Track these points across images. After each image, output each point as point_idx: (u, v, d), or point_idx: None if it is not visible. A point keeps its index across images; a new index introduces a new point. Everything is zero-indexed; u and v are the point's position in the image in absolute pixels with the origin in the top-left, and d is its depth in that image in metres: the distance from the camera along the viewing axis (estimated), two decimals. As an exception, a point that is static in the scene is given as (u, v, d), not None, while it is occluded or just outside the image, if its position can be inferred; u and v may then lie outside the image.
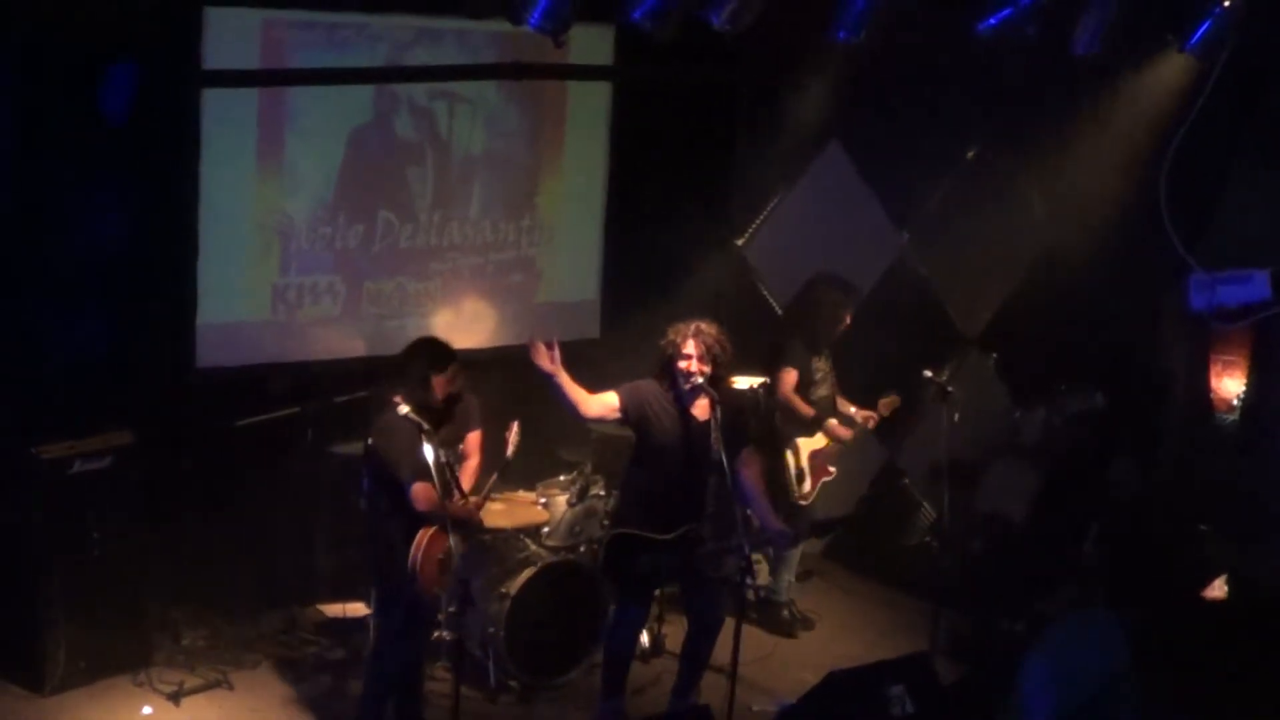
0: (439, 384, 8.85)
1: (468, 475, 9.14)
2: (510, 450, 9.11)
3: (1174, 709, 7.28)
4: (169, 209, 10.04)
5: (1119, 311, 12.39)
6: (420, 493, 8.59)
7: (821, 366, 11.28)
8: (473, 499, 8.97)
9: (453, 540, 8.69)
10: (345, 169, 10.76)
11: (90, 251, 9.79)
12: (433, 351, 8.98)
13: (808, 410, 11.31)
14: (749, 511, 9.25)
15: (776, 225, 12.64)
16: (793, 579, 11.68)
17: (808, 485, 11.27)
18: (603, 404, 9.12)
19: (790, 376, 11.29)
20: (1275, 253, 9.46)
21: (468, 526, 8.99)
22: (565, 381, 9.04)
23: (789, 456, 11.29)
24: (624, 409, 9.10)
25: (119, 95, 9.06)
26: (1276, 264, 8.09)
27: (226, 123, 10.16)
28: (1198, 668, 8.02)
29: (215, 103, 10.06)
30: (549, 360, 9.01)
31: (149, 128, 9.65)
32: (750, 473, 9.32)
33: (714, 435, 8.89)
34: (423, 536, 8.67)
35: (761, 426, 10.95)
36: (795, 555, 11.63)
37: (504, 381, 9.96)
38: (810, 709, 8.72)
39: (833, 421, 11.38)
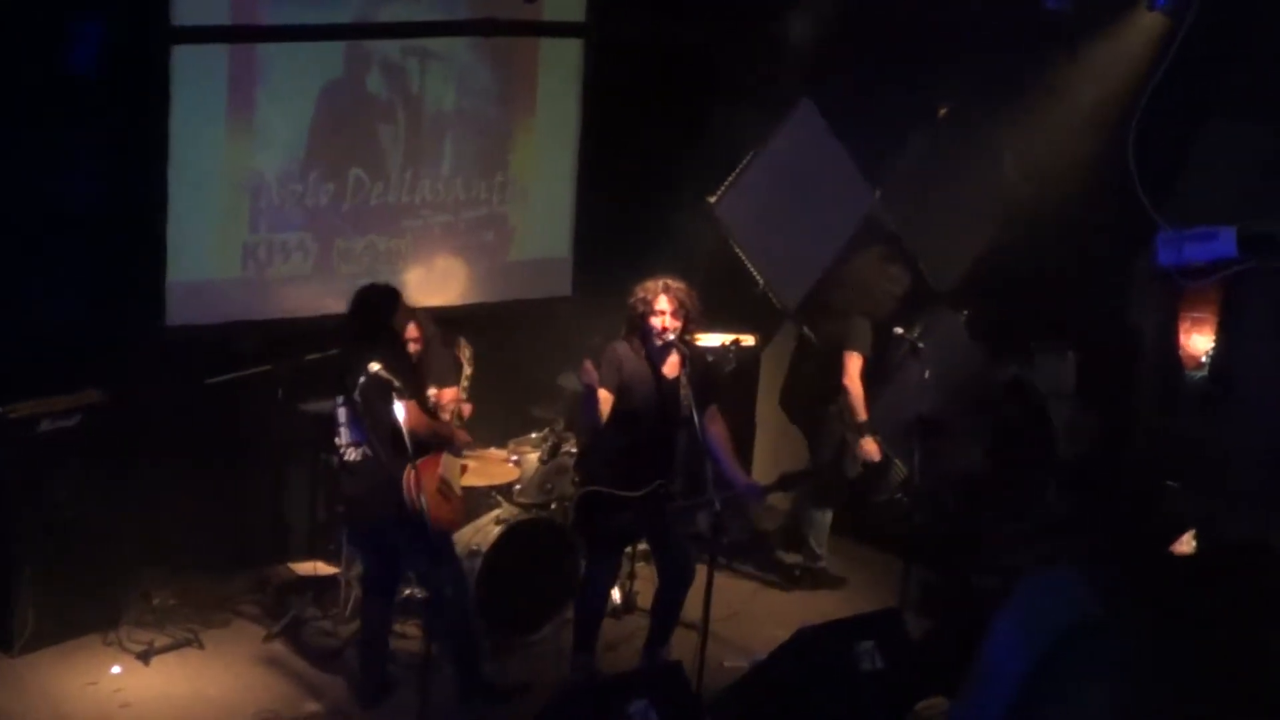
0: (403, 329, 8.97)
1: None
2: (467, 368, 9.18)
3: (1146, 663, 7.27)
4: (138, 166, 9.98)
5: (1090, 268, 12.39)
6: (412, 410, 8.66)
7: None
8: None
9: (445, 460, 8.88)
10: (316, 126, 10.72)
11: (58, 209, 9.72)
12: (378, 298, 9.05)
13: (862, 413, 11.38)
14: (717, 467, 9.26)
15: (749, 183, 12.59)
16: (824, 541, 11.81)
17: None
18: (607, 403, 9.10)
19: (855, 362, 11.38)
20: (1243, 210, 9.50)
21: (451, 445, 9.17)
22: (603, 396, 9.02)
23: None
24: (609, 389, 9.08)
25: (86, 50, 9.00)
26: (1244, 221, 8.11)
27: (196, 79, 10.09)
28: (1168, 622, 8.04)
29: (185, 59, 9.98)
30: (594, 377, 9.01)
31: (118, 84, 9.60)
32: (717, 429, 9.37)
33: (684, 392, 8.93)
34: (409, 476, 8.65)
35: (728, 384, 11.04)
36: (827, 519, 11.72)
37: (475, 339, 9.93)
38: (780, 664, 8.77)
39: (872, 444, 11.49)
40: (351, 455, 8.82)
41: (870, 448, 11.45)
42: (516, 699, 9.18)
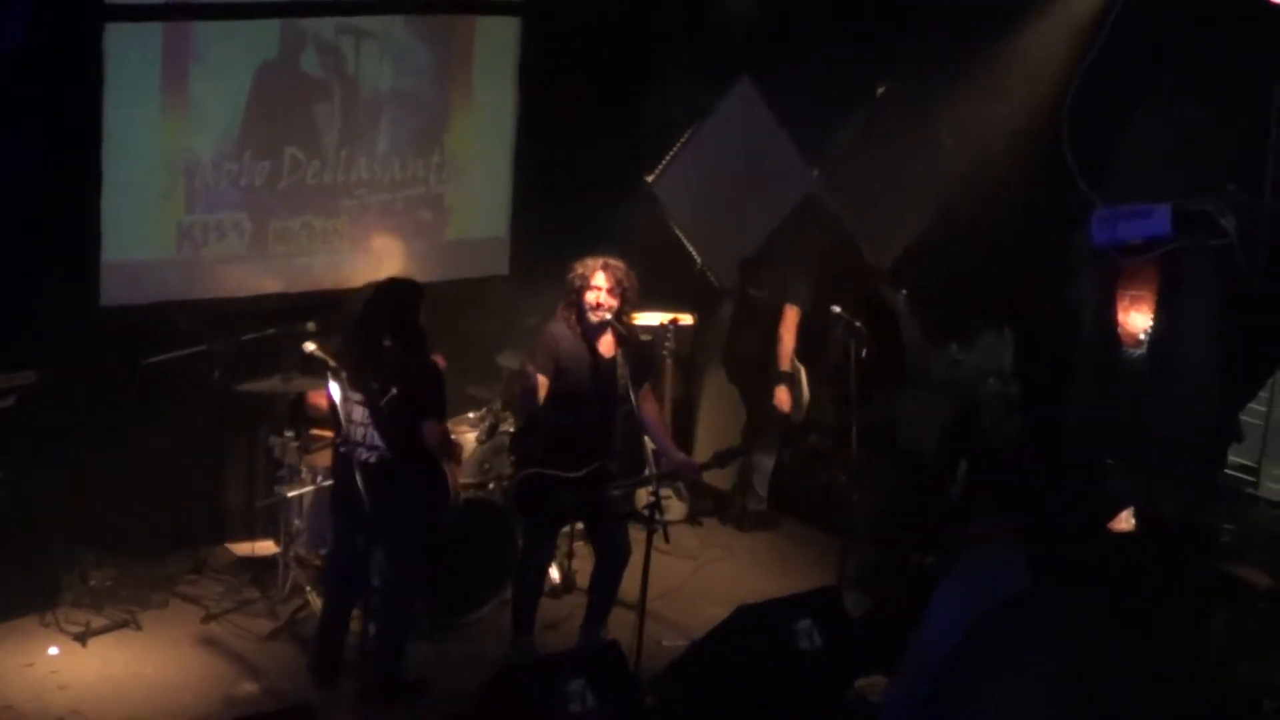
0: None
1: None
2: None
3: (1079, 639, 7.32)
4: (71, 145, 9.88)
5: (1029, 246, 12.41)
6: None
7: None
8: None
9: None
10: (251, 106, 10.65)
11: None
12: (403, 289, 9.04)
13: (786, 363, 11.58)
14: (653, 445, 9.28)
15: (687, 161, 12.62)
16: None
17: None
18: (544, 386, 9.08)
19: (793, 314, 11.76)
20: (1179, 188, 9.54)
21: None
22: (540, 380, 9.00)
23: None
24: (547, 375, 9.06)
25: (14, 26, 8.94)
26: (1180, 199, 8.15)
27: (129, 58, 10.00)
28: (1102, 600, 8.09)
29: (118, 37, 9.88)
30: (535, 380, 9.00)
31: (50, 62, 9.55)
32: (651, 407, 9.42)
33: (620, 371, 8.95)
34: (452, 477, 9.04)
35: (661, 365, 11.11)
36: (769, 464, 12.17)
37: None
38: (719, 643, 8.78)
39: (784, 393, 11.70)
40: (366, 456, 8.71)
41: (782, 396, 11.83)
42: (415, 699, 9.14)
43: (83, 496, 10.03)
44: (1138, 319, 11.86)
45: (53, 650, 9.33)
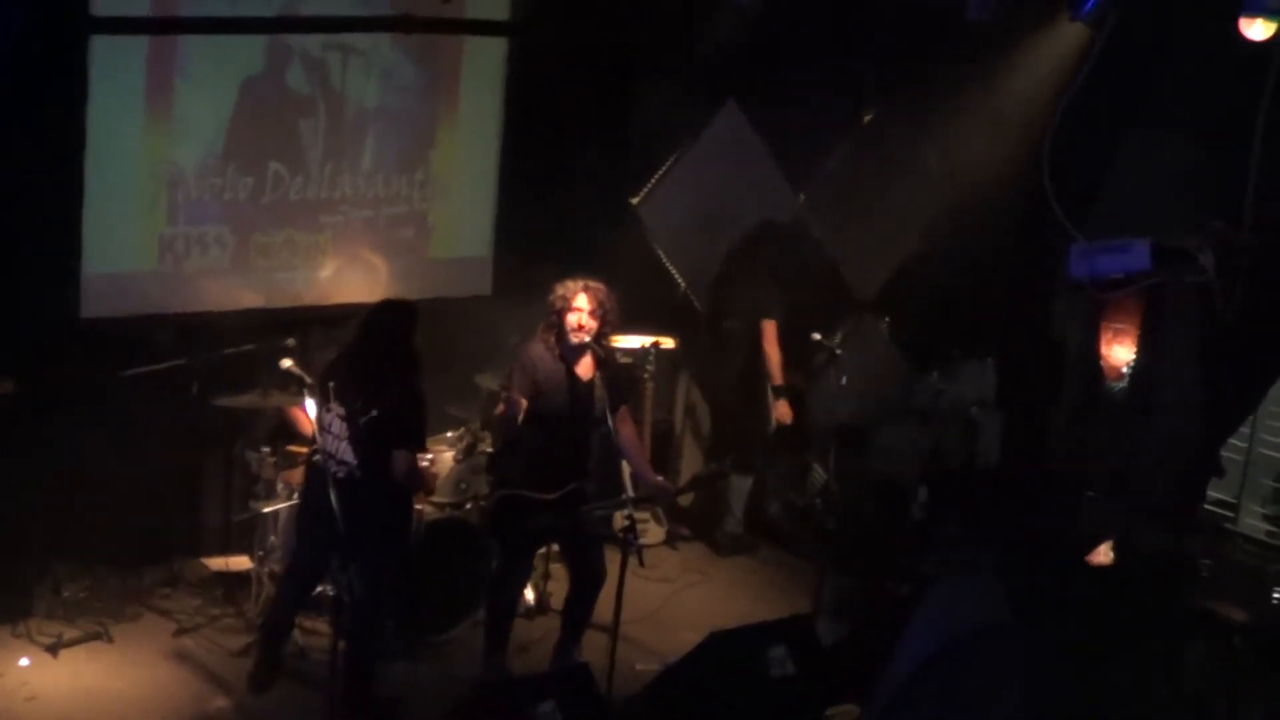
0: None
1: None
2: None
3: (1052, 670, 7.34)
4: (54, 156, 9.86)
5: (1014, 278, 12.45)
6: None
7: None
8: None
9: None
10: (236, 120, 10.64)
11: (-28, 198, 9.64)
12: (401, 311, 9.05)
13: (778, 377, 11.60)
14: (629, 469, 9.29)
15: (672, 185, 12.61)
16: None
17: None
18: (521, 408, 9.08)
19: (771, 328, 11.71)
20: (1166, 220, 9.53)
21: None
22: (521, 410, 9.02)
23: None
24: (525, 397, 9.05)
25: (-1, 37, 8.94)
26: (1162, 233, 8.13)
27: (115, 70, 9.99)
28: (1079, 631, 8.10)
29: (103, 49, 9.87)
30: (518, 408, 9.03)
31: (35, 73, 9.50)
32: (628, 430, 9.42)
33: (598, 394, 8.95)
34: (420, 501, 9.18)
35: (642, 388, 11.12)
36: (746, 485, 12.07)
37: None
38: (691, 668, 8.78)
39: (785, 406, 11.72)
40: (334, 470, 8.68)
41: (783, 410, 11.77)
42: (386, 717, 9.12)
43: (58, 507, 10.00)
44: (1120, 352, 11.90)
45: (24, 661, 9.31)
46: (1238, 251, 7.61)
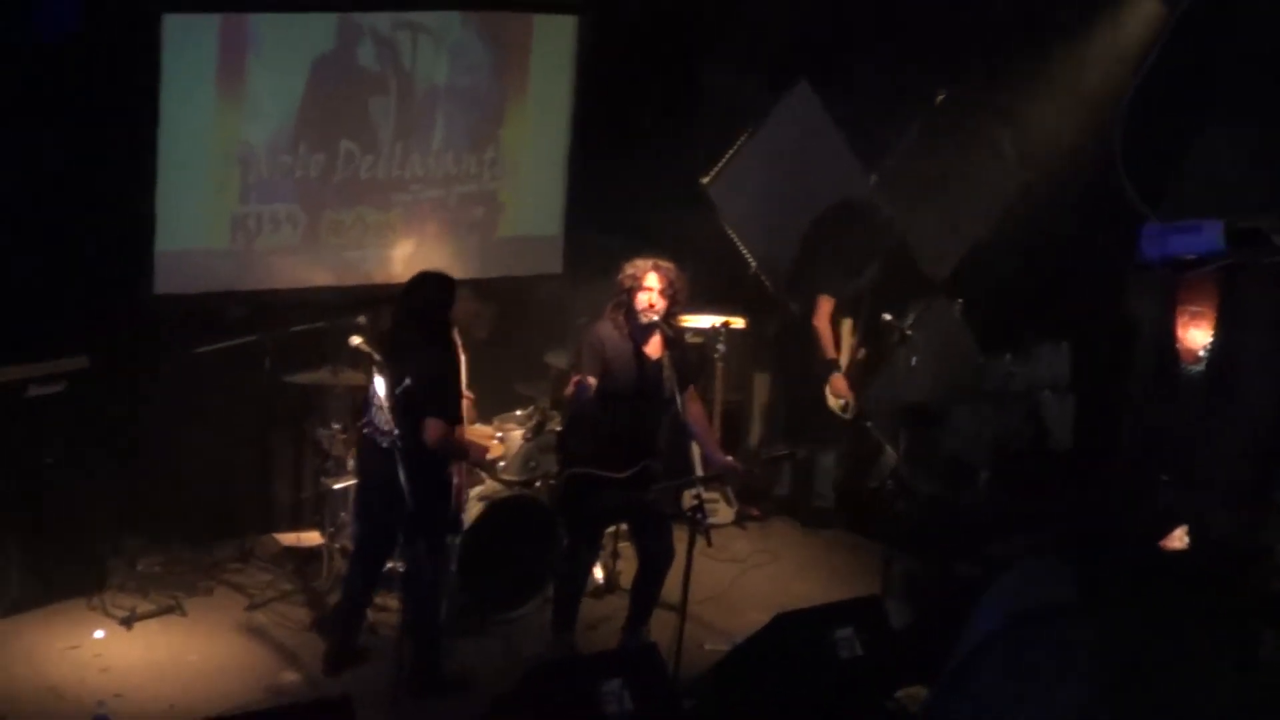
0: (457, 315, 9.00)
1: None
2: None
3: (1120, 657, 7.25)
4: (129, 135, 9.95)
5: (1088, 260, 12.36)
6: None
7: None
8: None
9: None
10: (307, 98, 10.69)
11: (48, 176, 9.70)
12: (436, 284, 9.01)
13: (830, 351, 11.59)
14: (697, 447, 9.27)
15: (742, 164, 12.56)
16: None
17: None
18: (591, 387, 9.08)
19: (824, 304, 11.71)
20: (1247, 201, 9.45)
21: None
22: (591, 391, 9.00)
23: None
24: (595, 376, 9.05)
25: (69, 17, 9.01)
26: (1250, 211, 8.05)
27: (187, 48, 10.07)
28: (1149, 618, 8.02)
29: (176, 28, 9.95)
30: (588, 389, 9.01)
31: (107, 51, 9.60)
32: (696, 410, 9.41)
33: (666, 373, 8.92)
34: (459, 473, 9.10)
35: (711, 368, 11.10)
36: (829, 461, 12.17)
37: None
38: (759, 648, 8.74)
39: (840, 380, 11.73)
40: (384, 442, 8.72)
41: (839, 384, 11.76)
42: (454, 694, 9.11)
43: (132, 483, 10.14)
44: (1197, 335, 11.80)
45: (98, 634, 9.38)
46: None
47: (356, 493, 9.45)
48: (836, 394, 11.75)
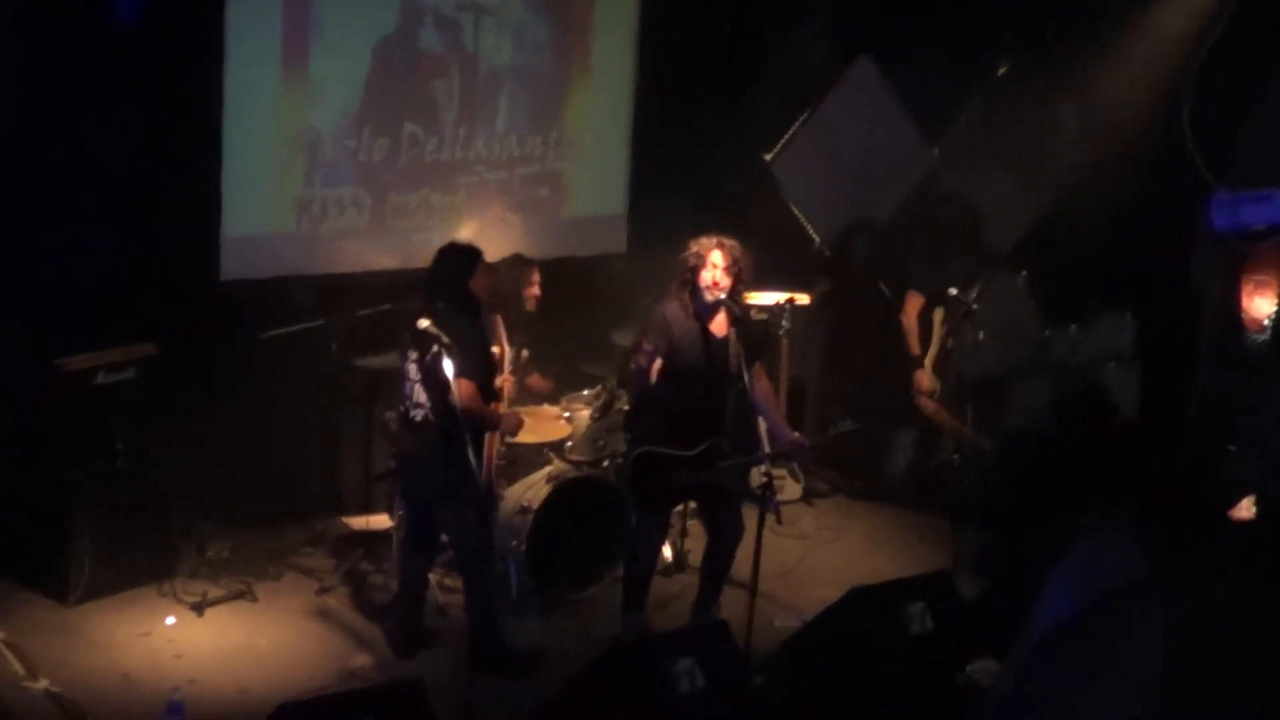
0: (477, 287, 8.94)
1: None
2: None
3: (1191, 631, 7.21)
4: (193, 120, 9.99)
5: (1152, 230, 12.28)
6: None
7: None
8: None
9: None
10: (370, 81, 10.73)
11: (113, 162, 9.74)
12: (458, 255, 9.01)
13: (915, 347, 11.65)
14: (766, 425, 9.25)
15: (806, 140, 12.55)
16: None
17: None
18: (657, 366, 9.09)
19: (914, 302, 11.72)
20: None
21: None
22: (653, 373, 9.04)
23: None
24: (661, 354, 9.06)
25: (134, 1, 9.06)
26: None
27: (250, 32, 10.10)
28: (1219, 590, 7.99)
29: (239, 11, 9.99)
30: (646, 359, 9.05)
31: (172, 37, 9.65)
32: (764, 387, 9.38)
33: (732, 350, 8.90)
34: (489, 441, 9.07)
35: (777, 344, 11.08)
36: (905, 439, 12.21)
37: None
38: (830, 624, 8.75)
39: (923, 375, 11.77)
40: (417, 415, 8.77)
41: (922, 380, 11.77)
42: (525, 670, 9.12)
43: (200, 468, 10.18)
44: (1262, 304, 11.71)
45: (170, 620, 9.43)
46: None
47: (398, 472, 9.45)
48: (919, 389, 11.73)
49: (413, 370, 8.81)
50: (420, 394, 8.72)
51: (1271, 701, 5.20)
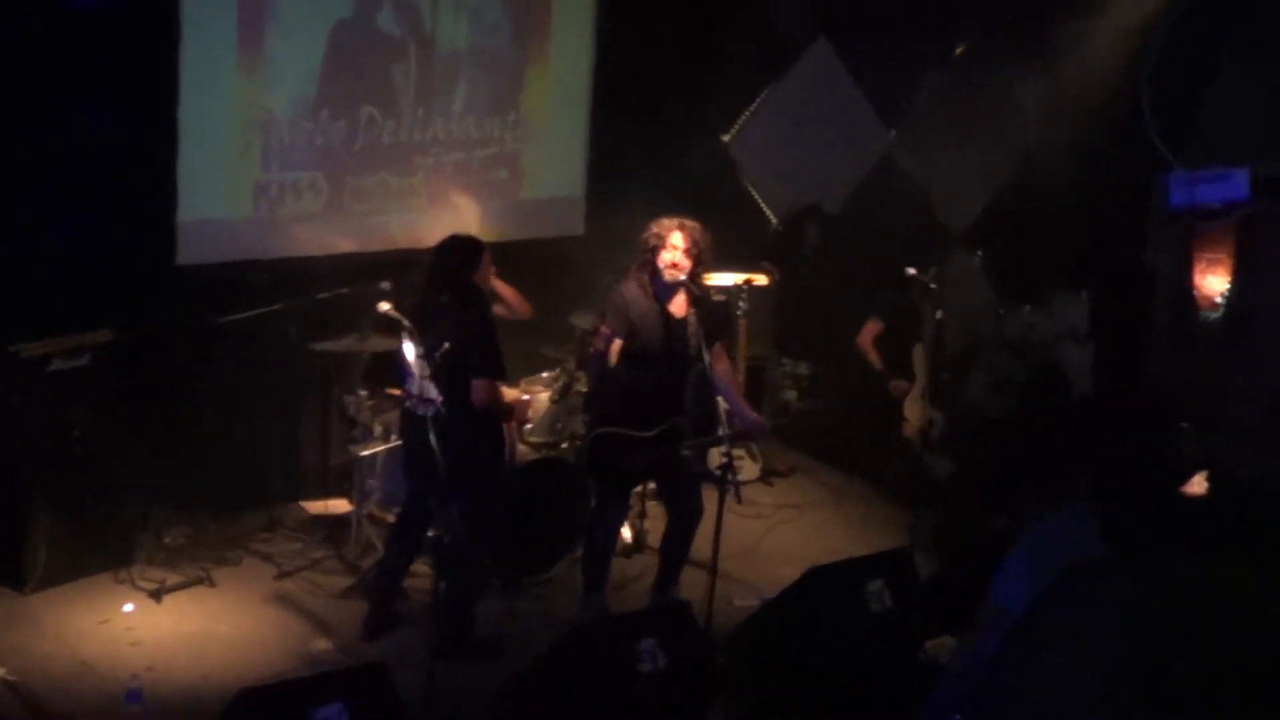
0: (481, 279, 9.01)
1: None
2: None
3: (1150, 604, 7.29)
4: (149, 105, 9.93)
5: (1106, 208, 12.33)
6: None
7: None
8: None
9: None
10: (327, 64, 10.68)
11: (67, 148, 9.66)
12: (461, 247, 9.04)
13: (878, 364, 11.77)
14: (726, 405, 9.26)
15: (763, 121, 12.59)
16: None
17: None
18: (615, 347, 9.10)
19: (872, 329, 11.90)
20: (1265, 148, 9.41)
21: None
22: (612, 354, 9.06)
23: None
24: (619, 335, 9.07)
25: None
26: (1265, 160, 8.02)
27: (206, 16, 10.03)
28: (1175, 564, 8.05)
29: (195, -5, 9.96)
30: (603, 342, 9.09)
31: (127, 21, 9.59)
32: (723, 367, 9.37)
33: (692, 331, 8.91)
34: (510, 432, 9.20)
35: (736, 325, 11.11)
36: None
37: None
38: (790, 603, 8.78)
39: (899, 383, 11.84)
40: (423, 410, 8.73)
41: (898, 387, 11.81)
42: (487, 656, 9.12)
43: (158, 454, 10.09)
44: (1214, 282, 11.79)
45: (128, 607, 9.40)
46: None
47: (405, 464, 9.40)
48: (898, 393, 11.82)
49: (418, 365, 8.76)
50: (431, 390, 8.67)
51: (1227, 674, 5.24)
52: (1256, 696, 5.84)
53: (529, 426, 10.41)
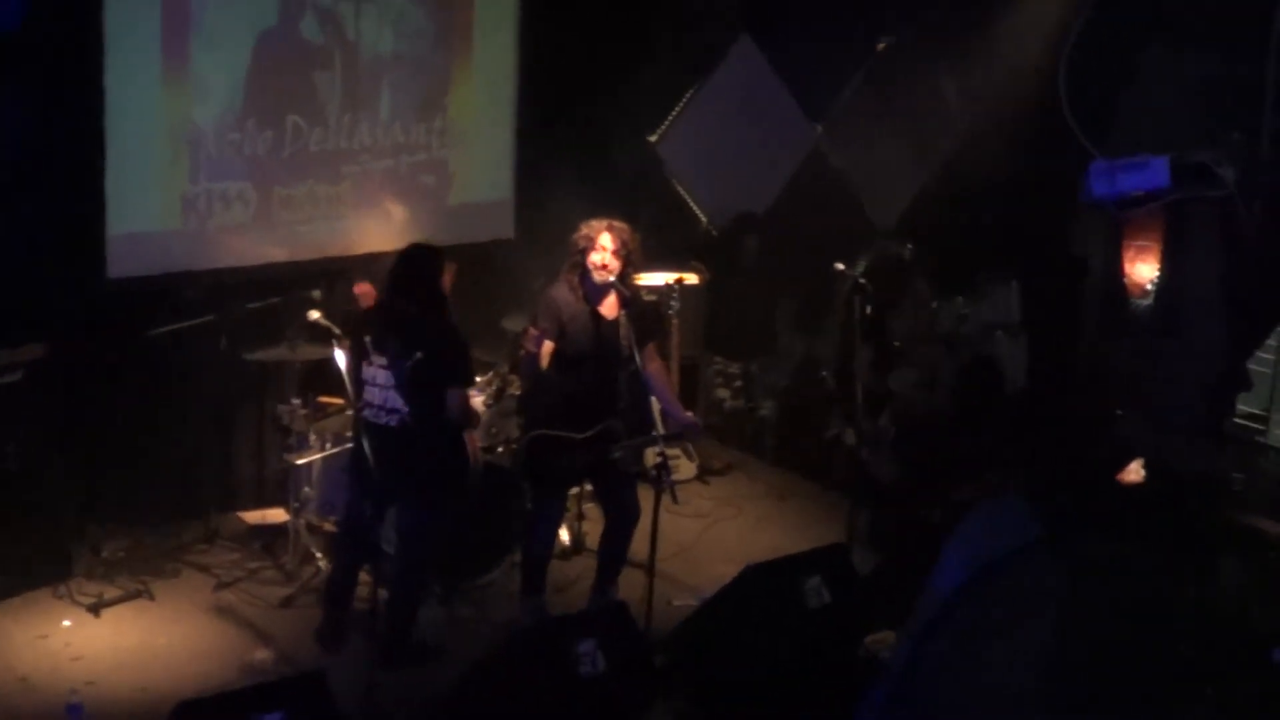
0: (445, 285, 9.02)
1: None
2: None
3: (1086, 590, 7.34)
4: (75, 119, 9.88)
5: (1035, 199, 12.41)
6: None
7: None
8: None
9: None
10: (252, 74, 10.65)
11: (-5, 164, 9.66)
12: (427, 255, 9.06)
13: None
14: (659, 406, 9.29)
15: (690, 121, 12.62)
16: None
17: None
18: (548, 350, 9.12)
19: None
20: (1187, 136, 9.48)
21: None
22: (544, 355, 9.07)
23: None
24: (551, 337, 9.08)
25: (12, 4, 8.96)
26: (1190, 148, 8.09)
27: (129, 29, 9.97)
28: (1110, 551, 8.11)
29: (117, 10, 9.87)
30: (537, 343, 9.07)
31: (50, 35, 9.55)
32: (656, 367, 9.40)
33: (623, 332, 8.94)
34: (472, 442, 9.08)
35: (667, 325, 11.12)
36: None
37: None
38: (728, 602, 8.82)
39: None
40: (385, 420, 8.72)
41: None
42: (426, 661, 9.12)
43: (93, 468, 10.09)
44: (1143, 269, 11.87)
45: (66, 622, 9.35)
46: (1258, 163, 7.61)
47: (353, 473, 9.29)
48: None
49: (381, 376, 8.75)
50: (395, 400, 8.67)
51: (1158, 662, 5.29)
52: (1185, 683, 5.90)
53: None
